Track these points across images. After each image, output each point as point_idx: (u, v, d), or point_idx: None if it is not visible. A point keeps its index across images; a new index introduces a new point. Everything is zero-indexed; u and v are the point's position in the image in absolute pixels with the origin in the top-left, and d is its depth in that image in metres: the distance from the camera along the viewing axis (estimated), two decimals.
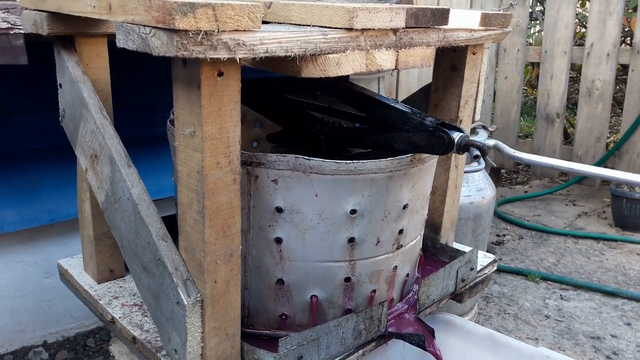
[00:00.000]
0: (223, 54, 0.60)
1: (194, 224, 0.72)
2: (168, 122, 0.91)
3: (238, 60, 0.63)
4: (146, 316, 0.92)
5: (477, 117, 1.17)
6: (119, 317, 0.92)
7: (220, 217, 0.71)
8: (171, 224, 0.81)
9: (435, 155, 0.95)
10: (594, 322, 1.81)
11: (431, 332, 0.89)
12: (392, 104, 0.91)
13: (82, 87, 0.91)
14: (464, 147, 0.80)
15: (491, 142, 0.80)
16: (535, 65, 3.84)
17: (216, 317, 0.74)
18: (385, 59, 0.80)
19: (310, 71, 0.72)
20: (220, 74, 0.65)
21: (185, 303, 0.71)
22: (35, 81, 1.45)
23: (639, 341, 1.71)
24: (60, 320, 1.63)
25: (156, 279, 0.77)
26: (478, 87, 1.16)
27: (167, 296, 0.75)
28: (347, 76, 1.24)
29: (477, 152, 0.80)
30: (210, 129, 0.66)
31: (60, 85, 0.97)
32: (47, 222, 1.53)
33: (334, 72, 0.74)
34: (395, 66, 0.83)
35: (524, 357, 0.97)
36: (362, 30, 0.74)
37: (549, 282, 2.09)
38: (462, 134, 0.81)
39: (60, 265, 1.12)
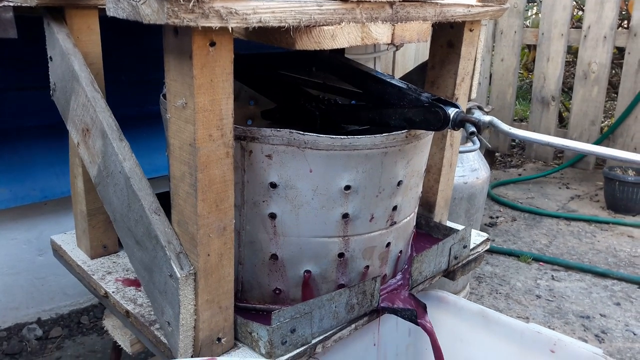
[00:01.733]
0: (215, 23, 0.59)
1: (186, 197, 0.71)
2: (161, 96, 0.90)
3: (230, 29, 0.61)
4: (140, 291, 0.92)
5: (473, 95, 1.17)
6: (112, 292, 0.92)
7: (213, 191, 0.71)
8: (165, 201, 0.80)
9: (430, 132, 0.94)
10: (584, 302, 1.84)
11: (423, 307, 0.90)
12: (388, 80, 0.90)
13: (73, 59, 0.89)
14: (460, 122, 0.80)
15: (487, 118, 0.79)
16: (532, 48, 3.82)
17: (209, 290, 0.74)
18: (381, 32, 0.79)
19: (305, 43, 0.70)
20: (213, 44, 0.63)
21: (179, 276, 0.71)
22: (27, 58, 1.43)
23: (627, 320, 1.73)
24: (54, 297, 1.63)
25: (149, 252, 0.77)
26: (475, 65, 1.15)
27: (160, 269, 0.75)
28: (343, 52, 1.22)
29: (472, 129, 0.79)
30: (202, 100, 0.65)
31: (51, 58, 0.95)
32: (39, 199, 1.53)
33: (328, 44, 0.73)
34: (392, 40, 0.82)
35: (515, 333, 0.98)
36: (358, 2, 0.73)
37: (541, 263, 2.11)
38: (457, 109, 0.80)
39: (53, 241, 1.11)
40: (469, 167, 1.60)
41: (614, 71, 3.76)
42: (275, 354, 0.76)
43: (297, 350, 0.79)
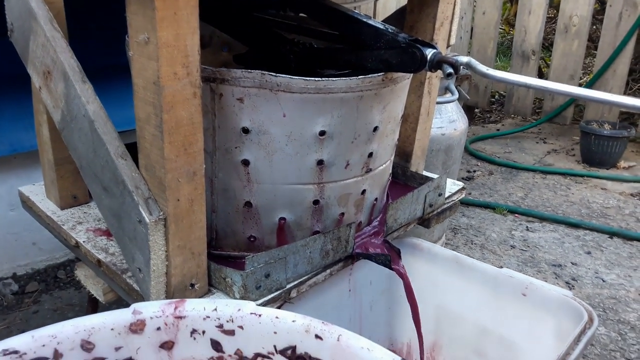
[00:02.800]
0: None
1: (152, 140, 0.69)
2: (126, 37, 0.85)
3: None
4: (111, 240, 0.90)
5: (452, 41, 1.14)
6: (83, 242, 0.90)
7: (180, 133, 0.68)
8: (134, 151, 0.77)
9: (407, 76, 0.92)
10: (557, 252, 1.89)
11: (397, 253, 0.91)
12: (364, 20, 0.87)
13: None
14: (437, 64, 0.78)
15: (464, 58, 0.77)
16: (514, 1, 3.75)
17: (181, 236, 0.73)
18: None
19: None
20: None
21: (147, 221, 0.69)
22: None
23: (597, 268, 1.79)
24: (28, 252, 1.61)
25: (117, 198, 0.75)
26: (454, 9, 1.11)
27: (128, 215, 0.73)
28: None
29: (450, 70, 0.77)
30: (165, 34, 0.61)
31: None
32: (8, 153, 1.47)
33: None
34: None
35: (488, 278, 1.00)
36: None
37: (516, 215, 2.15)
38: (434, 50, 0.78)
39: (21, 192, 1.08)
40: (447, 119, 1.59)
41: (594, 27, 3.74)
42: (249, 299, 0.76)
43: (272, 295, 0.79)
